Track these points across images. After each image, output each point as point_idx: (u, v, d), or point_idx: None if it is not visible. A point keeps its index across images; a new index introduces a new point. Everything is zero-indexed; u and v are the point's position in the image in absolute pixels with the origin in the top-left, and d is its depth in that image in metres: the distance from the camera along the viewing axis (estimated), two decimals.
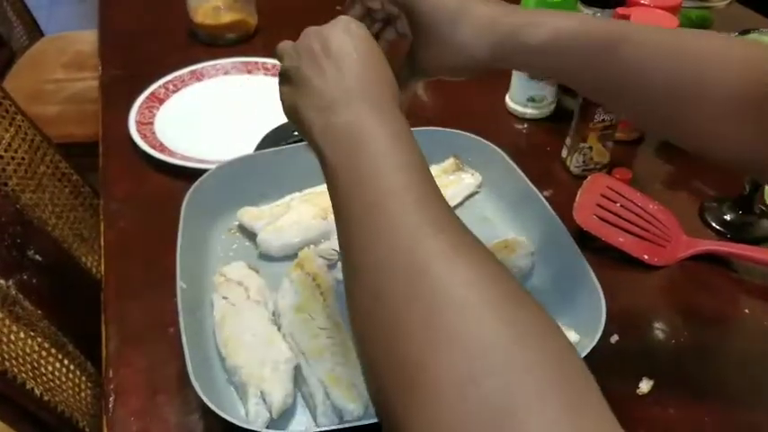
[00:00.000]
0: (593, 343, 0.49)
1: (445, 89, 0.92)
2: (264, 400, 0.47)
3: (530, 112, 0.84)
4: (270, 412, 0.47)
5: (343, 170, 0.37)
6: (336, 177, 0.37)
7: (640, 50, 0.43)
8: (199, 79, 0.89)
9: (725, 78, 0.41)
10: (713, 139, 0.43)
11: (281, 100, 0.45)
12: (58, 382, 0.71)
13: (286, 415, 0.48)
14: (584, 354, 0.48)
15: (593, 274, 0.54)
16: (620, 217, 0.66)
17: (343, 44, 0.41)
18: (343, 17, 0.44)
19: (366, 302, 0.32)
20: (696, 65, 0.42)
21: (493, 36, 0.44)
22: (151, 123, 0.80)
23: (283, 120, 0.71)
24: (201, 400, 0.44)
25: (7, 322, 0.67)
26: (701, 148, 0.46)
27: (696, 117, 0.43)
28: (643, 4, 0.76)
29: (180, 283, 0.53)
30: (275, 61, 0.91)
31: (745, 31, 0.87)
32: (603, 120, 0.72)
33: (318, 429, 0.46)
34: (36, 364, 0.68)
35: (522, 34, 0.43)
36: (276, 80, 0.46)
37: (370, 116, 0.38)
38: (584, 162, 0.74)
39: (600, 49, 0.43)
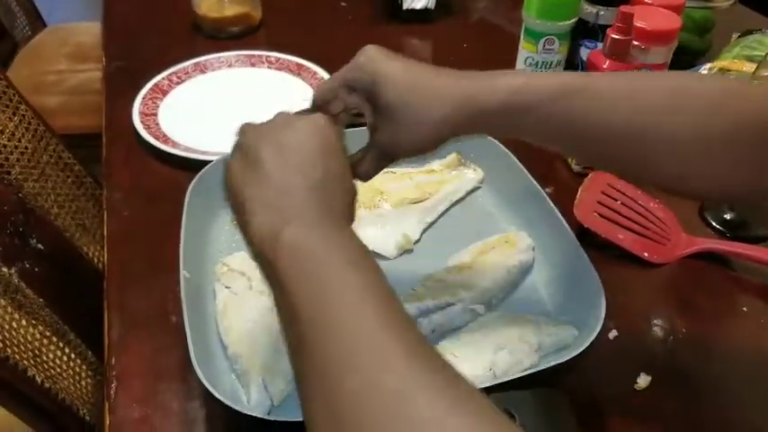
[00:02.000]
0: (592, 338, 0.49)
1: None
2: (266, 387, 0.48)
3: None
4: (271, 400, 0.48)
5: (300, 297, 0.34)
6: (293, 300, 0.34)
7: (595, 101, 0.42)
8: (202, 71, 0.90)
9: (690, 118, 0.41)
10: (689, 177, 0.43)
11: (227, 172, 0.41)
12: (58, 369, 0.71)
13: (287, 402, 0.49)
14: (582, 349, 0.49)
15: (593, 270, 0.54)
16: (620, 214, 0.66)
17: (311, 142, 0.40)
18: (317, 114, 0.43)
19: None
20: (656, 107, 0.42)
21: (446, 106, 0.43)
22: (155, 114, 0.81)
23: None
24: (203, 388, 0.45)
25: (9, 310, 0.67)
26: (677, 187, 0.46)
27: (666, 159, 0.42)
28: (647, 3, 0.77)
29: (183, 273, 0.53)
30: (279, 54, 0.92)
31: (747, 32, 0.88)
32: None
33: None
34: (37, 352, 0.68)
35: (477, 101, 0.43)
36: (279, 73, 0.47)
37: (328, 238, 0.36)
38: None
39: (553, 103, 0.42)
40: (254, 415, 0.45)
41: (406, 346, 0.31)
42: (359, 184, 0.45)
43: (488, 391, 0.45)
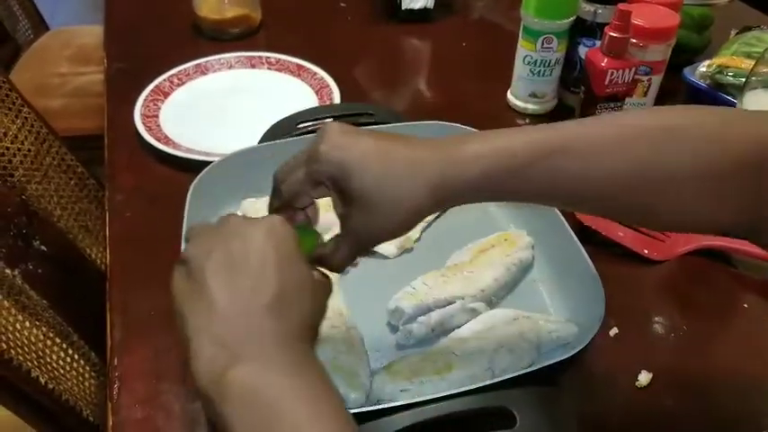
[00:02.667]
0: (592, 335, 0.49)
1: (447, 84, 0.93)
2: None
3: (531, 107, 0.84)
4: None
5: None
6: None
7: (576, 159, 0.39)
8: (203, 73, 0.90)
9: (686, 158, 0.39)
10: (692, 217, 0.41)
11: (173, 288, 0.37)
12: (62, 370, 0.72)
13: None
14: (582, 346, 0.49)
15: (593, 268, 0.54)
16: None
17: (264, 253, 0.36)
18: (272, 218, 0.39)
19: None
20: (643, 156, 0.39)
21: (427, 188, 0.39)
22: (156, 116, 0.81)
23: (287, 113, 0.73)
24: None
25: (13, 311, 0.68)
26: (682, 226, 0.44)
27: (661, 202, 0.40)
28: (645, 1, 0.77)
29: None
30: (279, 55, 0.92)
31: (746, 28, 0.88)
32: None
33: None
34: (41, 353, 0.69)
35: (453, 178, 0.39)
36: (279, 74, 0.45)
37: (286, 377, 0.33)
38: None
39: (532, 167, 0.39)
40: None
41: None
42: None
43: (488, 389, 0.45)
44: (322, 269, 0.42)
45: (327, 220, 0.64)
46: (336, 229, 0.64)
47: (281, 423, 0.31)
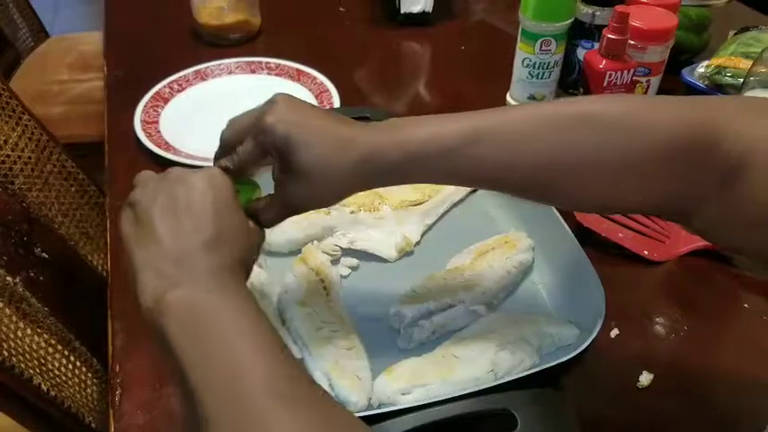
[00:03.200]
0: (593, 337, 0.49)
1: (446, 87, 0.93)
2: None
3: None
4: None
5: (190, 353, 0.36)
6: (183, 357, 0.36)
7: (496, 145, 0.41)
8: (203, 79, 0.90)
9: (599, 145, 0.40)
10: (615, 203, 0.43)
11: (121, 231, 0.42)
12: (64, 377, 0.72)
13: None
14: (583, 348, 0.49)
15: (593, 269, 0.54)
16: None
17: (204, 198, 0.40)
18: (212, 168, 0.43)
19: None
20: (562, 142, 0.41)
21: (356, 163, 0.42)
22: (156, 122, 0.81)
23: None
24: None
25: (14, 319, 0.68)
26: (607, 210, 0.50)
27: (585, 189, 0.42)
28: (642, 2, 0.77)
29: None
30: (279, 60, 0.93)
31: (744, 29, 0.88)
32: None
33: None
34: (42, 360, 0.69)
35: (382, 156, 0.42)
36: (279, 79, 0.46)
37: (216, 297, 0.38)
38: None
39: (455, 153, 0.41)
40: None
41: (291, 415, 0.33)
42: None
43: (490, 391, 0.45)
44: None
45: (327, 223, 0.64)
46: (340, 229, 0.64)
47: (212, 334, 0.36)
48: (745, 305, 0.62)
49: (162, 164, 0.74)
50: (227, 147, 0.46)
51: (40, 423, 0.68)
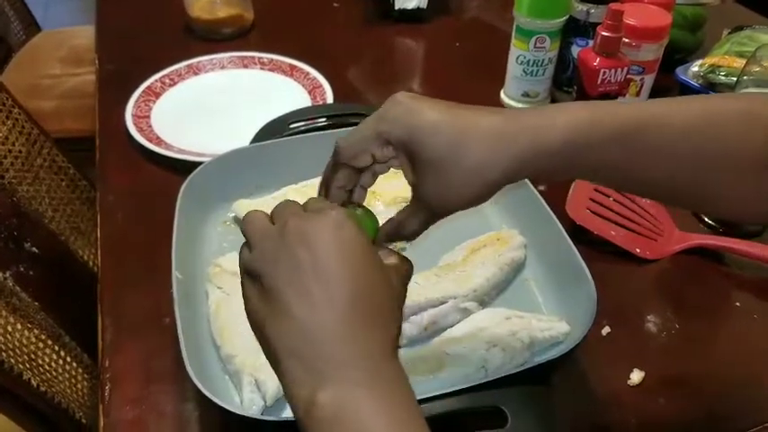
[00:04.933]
0: (584, 334, 0.49)
1: (440, 84, 0.93)
2: (259, 387, 0.48)
3: (524, 107, 0.85)
4: (264, 400, 0.48)
5: None
6: None
7: (663, 135, 0.38)
8: (195, 73, 0.90)
9: (748, 140, 0.39)
10: (738, 201, 0.41)
11: (246, 307, 0.36)
12: (54, 373, 0.71)
13: (280, 402, 0.49)
14: (574, 345, 0.49)
15: (585, 267, 0.54)
16: (612, 211, 0.67)
17: (332, 256, 0.34)
18: (331, 212, 0.35)
19: None
20: (720, 134, 0.39)
21: (504, 150, 0.38)
22: (147, 117, 0.81)
23: (279, 113, 0.72)
24: (197, 389, 0.45)
25: (4, 314, 0.67)
26: (726, 211, 0.44)
27: (725, 184, 0.40)
28: (637, 1, 0.77)
29: (175, 274, 0.53)
30: (272, 55, 0.92)
31: (738, 28, 0.88)
32: None
33: None
34: (33, 356, 0.69)
35: (535, 142, 0.38)
36: (272, 75, 0.44)
37: (370, 399, 0.32)
38: None
39: (618, 141, 0.38)
40: (247, 415, 0.45)
41: None
42: None
43: (480, 388, 0.45)
44: (394, 249, 0.40)
45: None
46: None
47: None
48: (737, 303, 0.62)
49: (153, 159, 0.74)
50: (343, 159, 0.41)
51: (30, 418, 0.68)
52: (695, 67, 0.84)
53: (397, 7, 1.02)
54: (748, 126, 0.39)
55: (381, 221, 0.44)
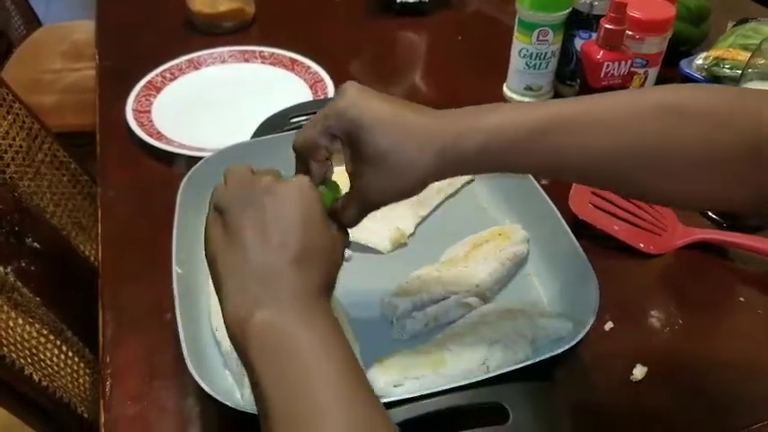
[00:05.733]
0: (587, 330, 0.49)
1: (442, 78, 0.92)
2: None
3: (527, 100, 0.84)
4: None
5: (270, 378, 0.35)
6: (262, 382, 0.35)
7: (575, 135, 0.40)
8: (196, 68, 0.89)
9: (690, 138, 0.39)
10: (673, 194, 0.42)
11: (205, 233, 0.42)
12: (56, 368, 0.71)
13: None
14: (577, 341, 0.48)
15: (588, 262, 0.54)
16: (615, 205, 0.66)
17: (293, 211, 0.40)
18: (302, 179, 0.42)
19: None
20: (646, 133, 0.40)
21: (429, 149, 0.41)
22: (148, 111, 0.80)
23: (280, 108, 0.72)
24: (198, 385, 0.45)
25: (6, 309, 0.67)
26: (659, 201, 0.47)
27: (654, 180, 0.41)
28: None
29: (176, 269, 0.53)
30: (273, 49, 0.92)
31: (743, 20, 0.87)
32: None
33: None
34: (35, 351, 0.69)
35: (458, 144, 0.40)
36: (273, 69, 0.45)
37: (301, 329, 0.37)
38: None
39: (532, 141, 0.40)
40: (249, 411, 0.45)
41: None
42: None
43: (482, 384, 0.45)
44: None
45: None
46: None
47: (292, 363, 0.35)
48: (741, 298, 0.62)
49: (154, 153, 0.74)
50: (301, 155, 0.45)
51: (32, 413, 0.68)
52: (699, 60, 0.83)
53: (398, 0, 1.02)
54: (672, 122, 0.39)
55: (383, 219, 0.44)
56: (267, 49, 0.92)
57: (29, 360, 0.66)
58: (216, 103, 0.85)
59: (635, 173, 0.41)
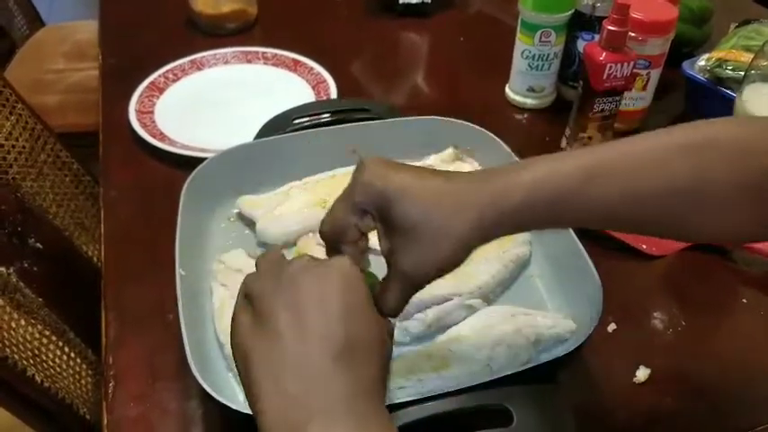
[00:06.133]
0: (590, 332, 0.49)
1: (445, 79, 0.92)
2: None
3: (529, 102, 0.84)
4: None
5: None
6: None
7: (614, 180, 0.39)
8: (199, 68, 0.89)
9: (720, 172, 0.39)
10: (715, 228, 0.41)
11: (233, 324, 0.37)
12: (58, 369, 0.71)
13: None
14: (580, 343, 0.48)
15: (591, 263, 0.54)
16: None
17: (334, 298, 0.35)
18: (343, 260, 0.38)
19: None
20: (685, 171, 0.39)
21: (474, 216, 0.38)
22: (151, 112, 0.80)
23: (283, 109, 0.72)
24: (200, 387, 0.45)
25: (8, 309, 0.67)
26: (703, 237, 0.46)
27: (696, 216, 0.40)
28: None
29: (179, 271, 0.53)
30: (275, 50, 0.92)
31: (745, 22, 0.87)
32: (603, 110, 0.72)
33: None
34: (37, 352, 0.69)
35: (499, 205, 0.38)
36: (275, 70, 0.44)
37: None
38: None
39: (577, 194, 0.39)
40: (251, 413, 0.45)
41: None
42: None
43: (485, 386, 0.45)
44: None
45: (323, 215, 0.63)
46: None
47: None
48: (744, 300, 0.62)
49: (156, 154, 0.74)
50: (331, 240, 0.42)
51: (34, 414, 0.68)
52: (702, 62, 0.83)
53: (401, 1, 1.02)
54: (701, 156, 0.39)
55: None
56: (270, 50, 0.92)
57: (31, 361, 0.66)
58: (219, 103, 0.85)
59: (677, 211, 0.40)
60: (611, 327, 0.57)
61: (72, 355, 0.75)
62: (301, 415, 0.32)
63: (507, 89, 0.86)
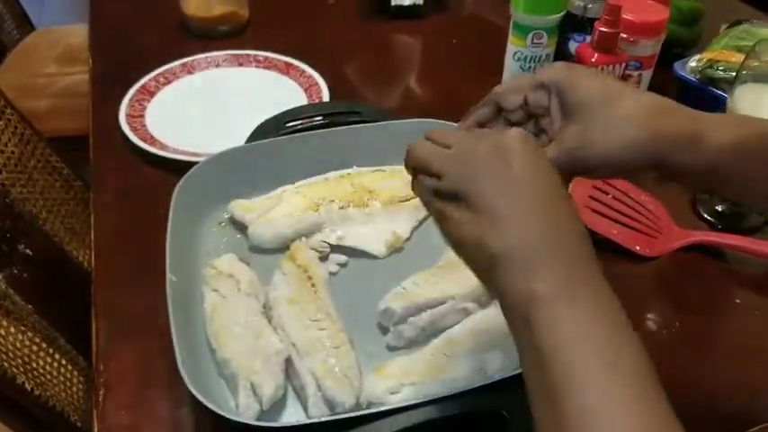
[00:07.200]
0: None
1: (437, 81, 0.92)
2: (255, 392, 0.47)
3: None
4: (260, 404, 0.47)
5: (557, 368, 0.33)
6: (545, 364, 0.34)
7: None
8: (190, 72, 0.89)
9: None
10: None
11: (453, 227, 0.37)
12: (49, 376, 0.71)
13: (276, 407, 0.48)
14: None
15: None
16: (612, 209, 0.66)
17: (533, 169, 0.36)
18: (511, 131, 0.37)
19: None
20: None
21: (651, 115, 0.40)
22: (142, 116, 0.80)
23: (275, 112, 0.72)
24: (192, 394, 0.44)
25: None
26: None
27: None
28: None
29: (170, 276, 0.52)
30: (267, 53, 0.91)
31: (736, 22, 0.88)
32: None
33: (309, 421, 0.46)
34: (27, 359, 0.68)
35: (694, 140, 0.40)
36: (267, 73, 0.44)
37: (585, 308, 0.34)
38: None
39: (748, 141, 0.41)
40: (243, 421, 0.44)
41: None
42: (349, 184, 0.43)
43: (480, 391, 0.45)
44: None
45: (315, 219, 0.63)
46: (329, 225, 0.63)
47: (583, 353, 0.34)
48: (737, 300, 0.62)
49: (147, 159, 0.73)
50: (494, 96, 0.47)
51: (25, 423, 0.67)
52: (693, 62, 0.83)
53: (393, 3, 1.01)
54: None
55: (379, 223, 0.43)
56: (261, 53, 0.91)
57: (21, 369, 0.66)
58: (210, 107, 0.84)
59: None
60: None
61: (63, 362, 0.74)
62: (534, 282, 0.34)
63: None
